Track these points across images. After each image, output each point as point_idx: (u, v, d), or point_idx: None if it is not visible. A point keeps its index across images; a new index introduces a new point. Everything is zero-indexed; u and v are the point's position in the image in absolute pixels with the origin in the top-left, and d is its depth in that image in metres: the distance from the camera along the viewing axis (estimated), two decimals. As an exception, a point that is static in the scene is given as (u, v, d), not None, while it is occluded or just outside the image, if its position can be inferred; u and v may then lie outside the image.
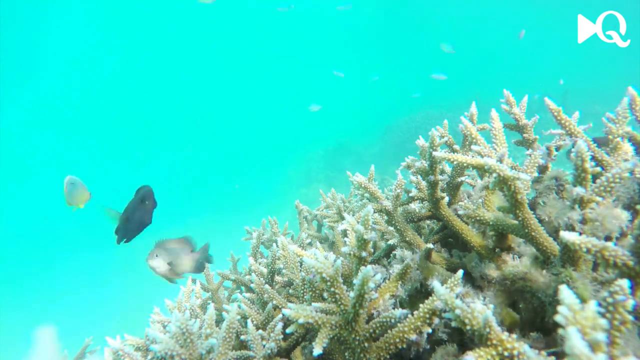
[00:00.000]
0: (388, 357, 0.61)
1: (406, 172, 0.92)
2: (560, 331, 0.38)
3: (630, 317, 0.40)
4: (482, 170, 0.62)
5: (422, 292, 0.76)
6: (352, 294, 0.59)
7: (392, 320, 0.61)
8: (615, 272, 0.52)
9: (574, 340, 0.35)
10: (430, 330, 0.60)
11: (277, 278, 1.04)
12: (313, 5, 16.74)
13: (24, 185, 10.80)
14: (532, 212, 0.65)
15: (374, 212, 0.88)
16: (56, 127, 12.71)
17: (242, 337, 0.81)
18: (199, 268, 1.09)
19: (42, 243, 8.13)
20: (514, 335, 0.46)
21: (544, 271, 0.65)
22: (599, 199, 0.59)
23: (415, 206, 0.94)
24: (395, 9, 16.21)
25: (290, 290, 0.95)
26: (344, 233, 1.23)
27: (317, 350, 0.57)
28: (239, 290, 1.38)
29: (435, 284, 0.52)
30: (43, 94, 13.91)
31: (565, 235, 0.50)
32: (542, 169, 0.82)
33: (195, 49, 16.21)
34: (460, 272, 0.65)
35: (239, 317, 0.87)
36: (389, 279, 0.74)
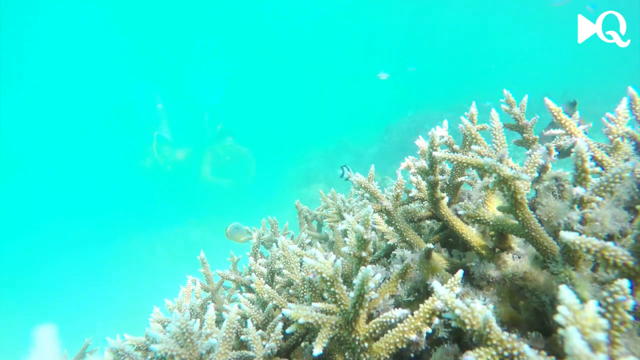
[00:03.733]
0: (388, 357, 0.61)
1: (406, 172, 0.92)
2: (560, 331, 0.38)
3: (630, 317, 0.40)
4: (482, 170, 0.62)
5: (422, 292, 0.76)
6: (352, 294, 0.59)
7: (392, 320, 0.61)
8: (615, 272, 0.52)
9: (574, 340, 0.35)
10: (430, 330, 0.60)
11: (277, 278, 1.04)
12: (313, 7, 16.76)
13: (21, 186, 10.80)
14: (532, 212, 0.65)
15: (374, 212, 0.88)
16: (55, 126, 12.72)
17: (242, 337, 0.81)
18: None
19: (41, 243, 8.13)
20: (514, 335, 0.46)
21: (544, 271, 0.65)
22: (599, 199, 0.59)
23: (415, 206, 0.94)
24: (395, 8, 16.21)
25: (290, 290, 0.95)
26: (344, 233, 1.23)
27: (317, 350, 0.57)
28: (239, 290, 1.38)
29: (435, 284, 0.52)
30: (43, 93, 13.88)
31: (565, 235, 0.50)
32: (542, 169, 0.82)
33: (192, 51, 16.18)
34: (460, 272, 0.65)
35: (239, 317, 0.87)
36: (389, 279, 0.74)
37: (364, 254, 0.65)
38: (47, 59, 14.31)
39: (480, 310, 0.48)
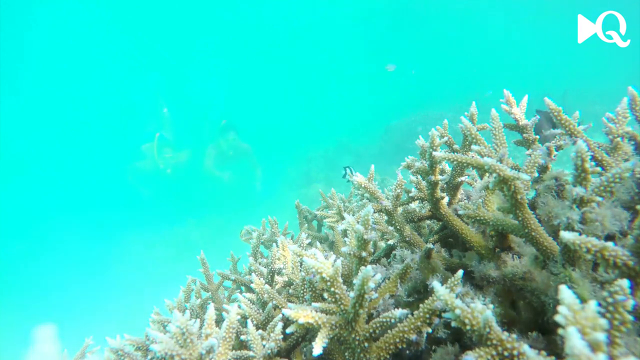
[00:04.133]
0: (388, 357, 0.61)
1: (406, 172, 0.92)
2: (560, 331, 0.38)
3: (630, 317, 0.40)
4: (482, 170, 0.62)
5: (422, 292, 0.76)
6: (352, 294, 0.59)
7: (392, 320, 0.61)
8: (615, 272, 0.52)
9: (574, 340, 0.35)
10: (430, 330, 0.60)
11: (277, 278, 1.04)
12: (314, 7, 16.77)
13: (22, 185, 10.80)
14: (532, 212, 0.65)
15: (374, 212, 0.88)
16: (56, 126, 12.73)
17: (242, 337, 0.81)
18: None
19: (42, 243, 8.13)
20: (514, 335, 0.46)
21: (544, 271, 0.65)
22: (598, 199, 0.59)
23: (415, 206, 0.94)
24: (395, 8, 16.22)
25: (290, 290, 0.95)
26: (344, 233, 1.23)
27: (317, 350, 0.57)
28: (239, 290, 1.38)
29: (435, 284, 0.52)
30: (44, 93, 13.89)
31: (565, 235, 0.50)
32: (542, 169, 0.81)
33: (185, 53, 16.15)
34: (460, 272, 0.65)
35: (239, 317, 0.87)
36: (389, 279, 0.74)
37: (364, 254, 0.65)
38: (48, 60, 14.31)
39: (480, 310, 0.48)
